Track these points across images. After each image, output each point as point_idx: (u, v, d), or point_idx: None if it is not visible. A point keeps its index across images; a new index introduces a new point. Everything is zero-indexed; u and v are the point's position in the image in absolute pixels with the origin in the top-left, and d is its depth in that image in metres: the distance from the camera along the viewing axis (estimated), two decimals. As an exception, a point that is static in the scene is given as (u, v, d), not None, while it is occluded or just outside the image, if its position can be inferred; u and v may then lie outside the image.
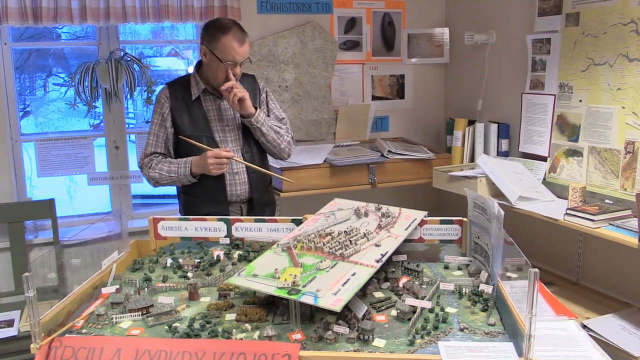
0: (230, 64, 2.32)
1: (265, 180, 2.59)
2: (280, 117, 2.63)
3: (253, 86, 2.54)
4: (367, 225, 1.98)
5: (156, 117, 2.46)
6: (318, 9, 3.52)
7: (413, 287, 1.73)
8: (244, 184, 2.48)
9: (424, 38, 3.80)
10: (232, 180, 2.46)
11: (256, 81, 2.60)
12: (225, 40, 2.30)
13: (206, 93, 2.45)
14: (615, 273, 2.77)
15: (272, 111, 2.62)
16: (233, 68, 2.34)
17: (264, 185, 2.59)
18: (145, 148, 2.48)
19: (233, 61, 2.32)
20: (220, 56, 2.32)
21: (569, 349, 1.47)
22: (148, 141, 2.47)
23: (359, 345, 1.46)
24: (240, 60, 2.34)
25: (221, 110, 2.46)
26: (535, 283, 1.29)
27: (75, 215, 3.50)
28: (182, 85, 2.46)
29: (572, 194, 2.61)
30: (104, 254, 1.96)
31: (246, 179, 2.48)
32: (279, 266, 1.68)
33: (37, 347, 1.44)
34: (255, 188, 2.51)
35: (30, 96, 4.47)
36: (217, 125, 2.45)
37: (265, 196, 2.59)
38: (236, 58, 2.32)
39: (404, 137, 3.84)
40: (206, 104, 2.45)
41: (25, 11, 2.80)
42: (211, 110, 2.46)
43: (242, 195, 2.49)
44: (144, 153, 2.48)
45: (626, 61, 2.54)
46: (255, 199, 2.52)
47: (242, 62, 2.36)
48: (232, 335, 1.51)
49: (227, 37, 2.30)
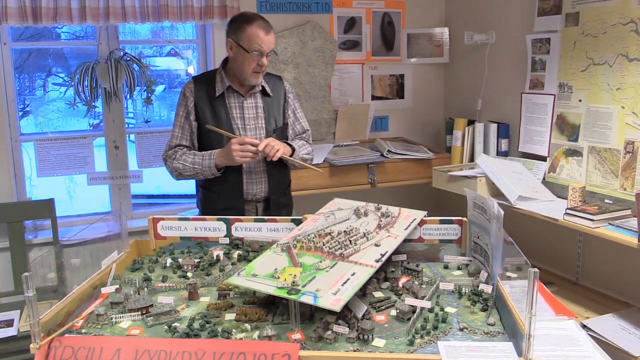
0: (256, 54, 2.31)
1: (284, 182, 2.58)
2: (305, 129, 2.61)
3: (278, 88, 2.53)
4: (367, 225, 1.98)
5: (181, 110, 2.45)
6: (318, 8, 3.52)
7: (413, 286, 1.73)
8: (261, 183, 2.47)
9: (424, 38, 3.80)
10: (250, 179, 2.45)
11: (282, 83, 2.58)
12: (250, 30, 2.30)
13: (230, 90, 2.43)
14: (614, 273, 2.77)
15: (299, 121, 2.60)
16: (259, 58, 2.32)
17: (283, 186, 2.57)
18: (170, 140, 2.47)
19: (259, 50, 2.31)
20: (246, 46, 2.31)
21: (568, 349, 1.47)
22: (173, 133, 2.46)
23: (358, 345, 1.46)
24: (266, 49, 2.32)
25: (244, 108, 2.45)
26: (534, 283, 1.29)
27: (75, 215, 3.50)
28: (207, 80, 2.45)
29: (571, 193, 2.61)
30: (103, 254, 1.95)
31: (264, 178, 2.47)
32: (278, 266, 1.68)
33: (37, 347, 1.44)
34: (273, 189, 2.50)
35: (30, 96, 4.47)
36: (239, 123, 2.44)
37: (282, 198, 2.57)
38: (262, 47, 2.31)
39: (403, 137, 3.84)
40: (230, 101, 2.44)
41: (25, 11, 2.80)
42: (234, 107, 2.44)
43: (258, 195, 2.48)
44: (169, 145, 2.47)
45: (626, 61, 2.54)
46: (272, 200, 2.51)
47: (268, 53, 2.34)
48: (232, 335, 1.51)
49: (252, 27, 2.30)
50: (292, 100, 2.59)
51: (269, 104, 2.49)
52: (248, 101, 2.45)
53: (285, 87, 2.58)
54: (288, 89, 2.59)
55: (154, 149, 3.39)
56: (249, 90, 2.45)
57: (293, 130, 2.58)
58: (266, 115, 2.47)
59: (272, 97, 2.50)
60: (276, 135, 2.47)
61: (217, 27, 3.28)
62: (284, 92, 2.55)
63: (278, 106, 2.52)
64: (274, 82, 2.54)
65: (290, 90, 2.60)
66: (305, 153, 2.54)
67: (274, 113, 2.50)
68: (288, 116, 2.56)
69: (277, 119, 2.51)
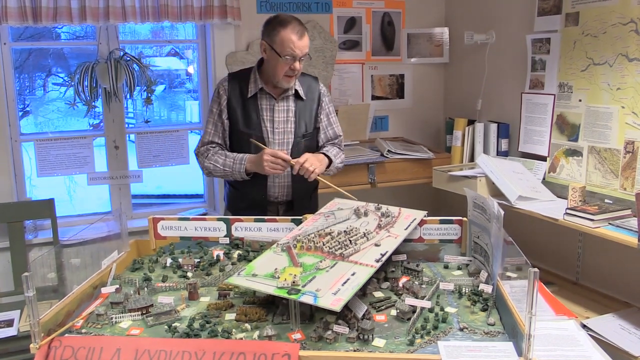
0: (289, 59, 2.28)
1: (310, 186, 2.54)
2: (337, 135, 2.58)
3: (313, 90, 2.50)
4: (367, 225, 1.98)
5: (215, 107, 2.45)
6: (318, 8, 3.52)
7: (413, 286, 1.73)
8: (284, 187, 2.46)
9: (424, 38, 3.80)
10: (272, 183, 2.44)
11: (318, 85, 2.53)
12: (284, 34, 2.26)
13: (263, 92, 2.41)
14: (615, 273, 2.77)
15: (332, 126, 2.56)
16: (292, 63, 2.29)
17: (308, 190, 2.55)
18: (202, 136, 2.48)
19: (292, 55, 2.27)
20: (279, 50, 2.28)
21: (568, 349, 1.47)
22: (206, 130, 2.47)
23: (358, 345, 1.46)
24: (299, 54, 2.28)
25: (274, 111, 2.42)
26: (534, 283, 1.29)
27: (75, 215, 3.50)
28: (242, 80, 2.44)
29: (571, 193, 2.61)
30: (103, 254, 1.95)
31: (288, 182, 2.46)
32: (278, 266, 1.68)
33: (37, 347, 1.44)
34: (297, 192, 2.49)
35: (30, 96, 4.47)
36: (269, 126, 2.42)
37: (307, 201, 2.55)
38: (295, 52, 2.27)
39: (403, 137, 3.84)
40: (262, 102, 2.42)
41: (25, 11, 2.80)
42: (265, 109, 2.42)
43: (280, 198, 2.47)
44: (202, 141, 2.47)
45: (626, 61, 2.54)
46: (295, 203, 2.50)
47: (302, 58, 2.31)
48: (232, 335, 1.51)
49: (286, 31, 2.27)
50: (326, 104, 2.54)
51: (301, 108, 2.46)
52: (280, 104, 2.42)
53: (321, 90, 2.53)
54: (323, 92, 2.53)
55: (154, 149, 3.39)
56: (282, 93, 2.42)
57: (325, 135, 2.54)
58: (297, 120, 2.44)
59: (306, 100, 2.46)
60: (306, 140, 2.46)
61: (217, 27, 3.28)
62: (319, 95, 2.51)
63: (311, 110, 2.48)
64: (309, 83, 2.50)
65: (326, 94, 2.55)
66: (340, 162, 2.51)
67: (306, 117, 2.47)
68: (321, 120, 2.52)
69: (309, 123, 2.48)
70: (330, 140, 2.57)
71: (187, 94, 4.84)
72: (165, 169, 3.52)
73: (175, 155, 3.45)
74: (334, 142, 2.57)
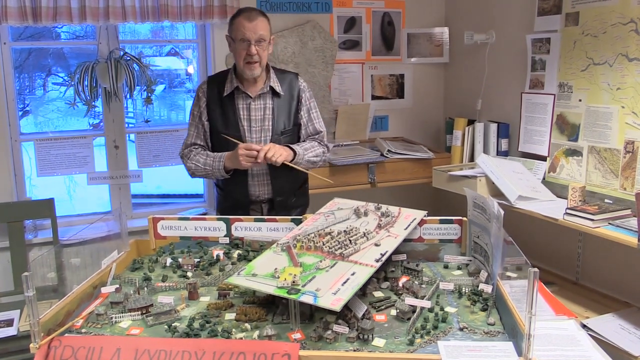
0: (243, 43, 2.33)
1: (292, 184, 2.55)
2: (319, 130, 2.56)
3: (292, 87, 2.51)
4: (367, 224, 1.98)
5: (195, 110, 2.50)
6: (318, 8, 3.52)
7: (413, 286, 1.73)
8: (264, 185, 2.48)
9: (424, 37, 3.80)
10: (254, 182, 2.47)
11: (298, 81, 2.54)
12: (236, 20, 2.36)
13: (239, 91, 2.44)
14: (614, 273, 2.77)
15: (312, 122, 2.55)
16: (248, 47, 2.32)
17: (290, 188, 2.54)
18: (186, 139, 2.52)
19: (243, 38, 2.32)
20: (233, 36, 2.37)
21: (568, 349, 1.47)
22: (189, 132, 2.51)
23: (358, 344, 1.46)
24: (250, 36, 2.32)
25: (250, 110, 2.44)
26: (534, 282, 1.29)
27: (75, 214, 3.50)
28: (219, 80, 2.48)
29: (571, 193, 2.61)
30: (103, 254, 1.95)
31: (267, 181, 2.48)
32: (278, 266, 1.68)
33: (37, 347, 1.44)
34: (278, 191, 2.49)
35: (30, 96, 4.47)
36: (245, 124, 2.44)
37: (291, 199, 2.55)
38: (245, 34, 2.31)
39: (403, 137, 3.84)
40: (238, 101, 2.44)
41: (25, 10, 2.80)
42: (242, 109, 2.45)
43: (261, 197, 2.49)
44: (185, 144, 2.52)
45: (626, 61, 2.54)
46: (277, 202, 2.50)
47: (256, 42, 2.33)
48: (232, 335, 1.51)
49: (238, 17, 2.36)
50: (306, 100, 2.53)
51: (279, 105, 2.47)
52: (256, 102, 2.44)
53: (300, 86, 2.53)
54: (303, 88, 2.53)
55: (153, 149, 3.39)
56: (259, 91, 2.44)
57: (306, 131, 2.54)
58: (274, 117, 2.45)
59: (284, 97, 2.47)
60: (285, 137, 2.46)
61: (217, 27, 3.28)
62: (299, 91, 2.51)
63: (290, 106, 2.49)
64: (289, 80, 2.51)
65: (306, 89, 2.55)
66: (314, 156, 2.49)
67: (284, 114, 2.47)
68: (301, 116, 2.52)
69: (288, 120, 2.48)
70: (311, 136, 2.56)
71: (187, 94, 4.83)
72: (165, 169, 3.52)
73: (175, 155, 3.42)
74: (314, 137, 2.56)
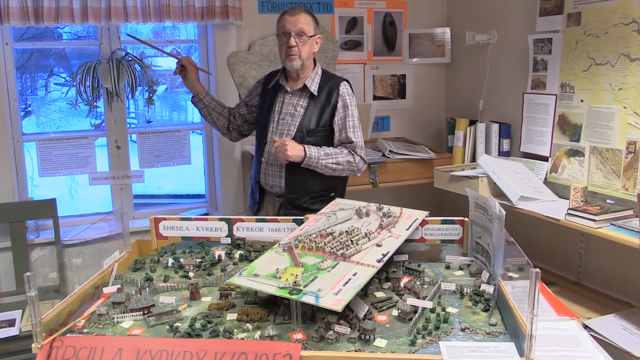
0: (283, 36, 2.45)
1: (310, 185, 2.50)
2: (351, 140, 2.52)
3: (331, 91, 2.51)
4: (369, 225, 1.98)
5: (252, 90, 2.76)
6: (319, 8, 3.52)
7: (414, 287, 1.73)
8: (277, 177, 2.51)
9: (425, 38, 3.80)
10: (266, 170, 2.54)
11: (339, 87, 2.53)
12: (281, 17, 2.50)
13: (281, 85, 2.58)
14: (616, 273, 2.77)
15: (346, 130, 2.52)
16: (287, 40, 2.43)
17: (305, 188, 2.50)
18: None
19: (284, 31, 2.45)
20: (278, 31, 2.51)
21: (570, 349, 1.47)
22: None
23: (360, 345, 1.46)
24: (290, 28, 2.43)
25: (284, 104, 2.55)
26: (536, 283, 1.29)
27: (77, 215, 3.50)
28: (273, 75, 2.66)
29: (573, 194, 2.61)
30: (105, 254, 1.96)
31: (281, 173, 2.49)
32: (280, 266, 1.68)
33: (39, 347, 1.44)
34: (290, 186, 2.49)
35: (32, 96, 4.46)
36: (276, 116, 2.54)
37: (304, 200, 2.50)
38: (286, 27, 2.43)
39: (405, 137, 3.84)
40: (279, 94, 2.59)
41: (27, 11, 2.80)
42: (278, 102, 2.58)
43: (275, 189, 2.53)
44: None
45: (628, 61, 2.54)
46: (287, 198, 2.49)
47: (296, 34, 2.43)
48: (233, 335, 1.51)
49: (284, 14, 2.50)
50: (344, 107, 2.52)
51: (313, 106, 2.50)
52: (291, 99, 2.54)
53: (341, 91, 2.52)
54: (343, 94, 2.52)
55: (155, 149, 3.39)
56: (298, 89, 2.53)
57: (339, 137, 2.54)
58: (304, 116, 2.49)
59: (320, 98, 2.50)
60: (311, 138, 2.48)
61: (219, 27, 3.28)
62: (337, 96, 2.52)
63: (323, 108, 2.51)
64: (332, 84, 2.54)
65: (347, 96, 2.53)
66: (334, 162, 2.46)
67: (316, 115, 2.49)
68: (335, 122, 2.52)
69: (318, 121, 2.49)
70: (343, 144, 2.54)
71: (188, 94, 4.84)
72: (166, 169, 3.52)
73: (177, 155, 3.45)
74: (346, 146, 2.54)
